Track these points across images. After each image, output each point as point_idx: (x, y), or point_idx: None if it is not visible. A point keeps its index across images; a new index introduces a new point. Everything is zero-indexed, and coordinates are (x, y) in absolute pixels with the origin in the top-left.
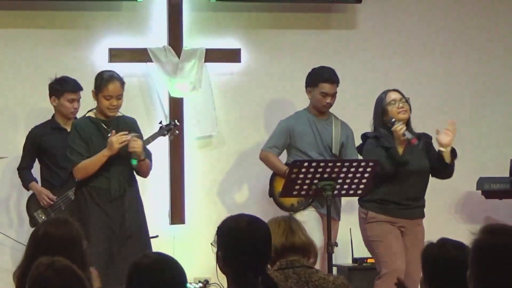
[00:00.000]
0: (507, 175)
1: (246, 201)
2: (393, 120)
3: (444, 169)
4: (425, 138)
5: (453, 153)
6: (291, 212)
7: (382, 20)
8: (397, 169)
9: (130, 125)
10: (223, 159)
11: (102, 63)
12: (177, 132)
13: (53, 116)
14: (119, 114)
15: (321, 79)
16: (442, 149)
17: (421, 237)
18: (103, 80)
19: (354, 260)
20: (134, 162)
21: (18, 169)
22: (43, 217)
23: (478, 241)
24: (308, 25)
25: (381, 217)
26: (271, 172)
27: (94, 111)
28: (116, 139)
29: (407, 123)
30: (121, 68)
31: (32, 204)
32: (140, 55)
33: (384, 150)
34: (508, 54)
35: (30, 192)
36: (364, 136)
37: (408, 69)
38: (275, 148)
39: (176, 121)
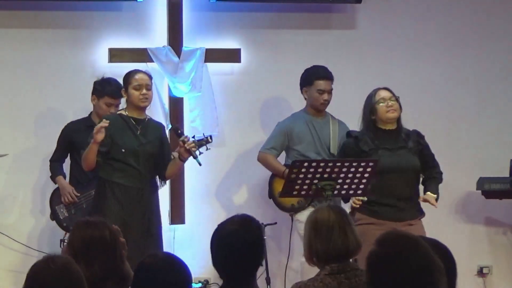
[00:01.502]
0: (507, 175)
1: (246, 201)
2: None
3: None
4: (416, 137)
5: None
6: (291, 212)
7: (382, 20)
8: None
9: (158, 129)
10: (223, 158)
11: (102, 63)
12: (209, 148)
13: (90, 114)
14: (148, 117)
15: (316, 76)
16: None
17: None
18: (131, 73)
19: (354, 260)
20: (199, 160)
21: (49, 160)
22: (64, 212)
23: (370, 251)
24: (308, 25)
25: (367, 218)
26: (271, 172)
27: (125, 109)
28: (96, 127)
29: (397, 121)
30: (121, 68)
31: (56, 197)
32: (140, 55)
33: (359, 153)
34: (508, 54)
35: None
36: (347, 134)
37: (408, 69)
38: (273, 149)
39: (209, 137)
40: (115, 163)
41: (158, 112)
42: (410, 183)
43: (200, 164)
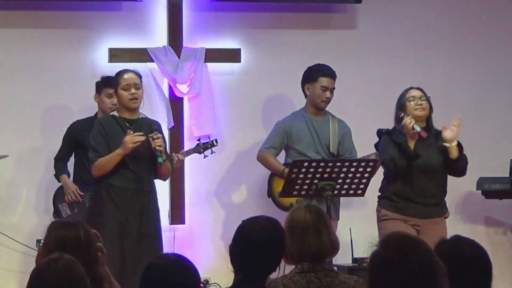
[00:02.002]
0: (507, 175)
1: (245, 201)
2: (401, 115)
3: (452, 165)
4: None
5: (460, 148)
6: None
7: (382, 20)
8: (409, 164)
9: (153, 127)
10: (223, 159)
11: (102, 63)
12: (214, 151)
13: (96, 114)
14: (142, 115)
15: (321, 73)
16: (446, 144)
17: (436, 237)
18: (119, 73)
19: (354, 260)
20: (160, 159)
21: (54, 159)
22: (67, 211)
23: (373, 252)
24: (308, 25)
25: (392, 215)
26: (270, 171)
27: (117, 110)
28: (130, 139)
29: (427, 121)
30: (121, 68)
31: (59, 196)
32: (140, 55)
33: (397, 146)
34: (509, 54)
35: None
36: (379, 132)
37: (408, 69)
38: (272, 148)
39: (215, 140)
40: None
41: (158, 112)
42: (434, 180)
43: (160, 163)
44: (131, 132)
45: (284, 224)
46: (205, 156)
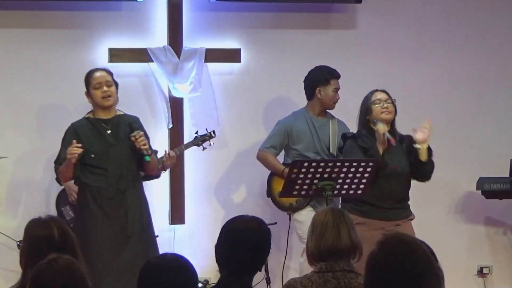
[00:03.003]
0: (507, 175)
1: (245, 201)
2: (375, 120)
3: (420, 168)
4: (409, 141)
5: (429, 152)
6: (289, 212)
7: (382, 20)
8: (377, 170)
9: (134, 126)
10: (223, 158)
11: (102, 63)
12: (212, 143)
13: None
14: (120, 113)
15: (332, 76)
16: (417, 146)
17: None
18: (89, 73)
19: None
20: (147, 158)
21: (54, 162)
22: (70, 213)
23: (370, 253)
24: (308, 25)
25: (358, 219)
26: (270, 171)
27: (92, 112)
28: (68, 151)
29: (391, 124)
30: (121, 68)
31: (62, 199)
32: (140, 55)
33: (362, 151)
34: (508, 54)
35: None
36: (344, 136)
37: (408, 69)
38: (272, 148)
39: (212, 132)
40: (90, 168)
41: (158, 112)
42: (400, 185)
43: (147, 161)
44: (136, 136)
45: (308, 227)
46: (203, 148)
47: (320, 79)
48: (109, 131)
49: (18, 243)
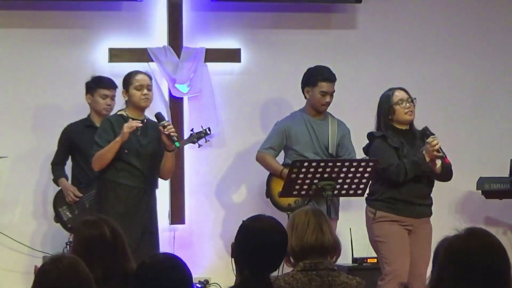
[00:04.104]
0: (507, 175)
1: (245, 201)
2: (428, 132)
3: (439, 178)
4: (424, 134)
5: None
6: (288, 212)
7: (382, 20)
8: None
9: (156, 130)
10: (223, 158)
11: (102, 63)
12: (208, 140)
13: (88, 115)
14: (146, 117)
15: (321, 78)
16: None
17: (428, 234)
18: (132, 74)
19: (354, 260)
20: (177, 144)
21: (51, 164)
22: (68, 213)
23: (452, 239)
24: (308, 25)
25: (391, 216)
26: (269, 171)
27: (125, 110)
28: (127, 124)
29: (411, 123)
30: (121, 68)
31: (59, 200)
32: (140, 55)
33: (394, 150)
34: (508, 54)
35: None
36: (371, 136)
37: (408, 69)
38: (271, 149)
39: (208, 129)
40: (118, 164)
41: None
42: (426, 181)
43: (178, 148)
44: (164, 124)
45: (286, 227)
46: (199, 146)
47: (308, 80)
48: (139, 132)
49: (68, 243)
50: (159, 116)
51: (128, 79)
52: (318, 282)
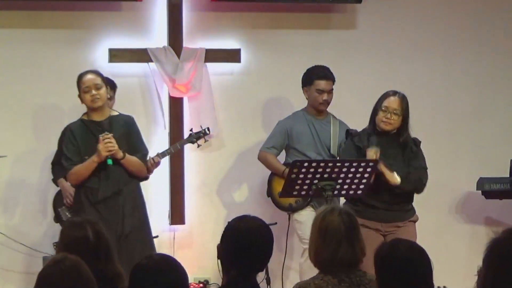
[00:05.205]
0: (507, 175)
1: (246, 201)
2: (369, 138)
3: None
4: (412, 145)
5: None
6: (289, 212)
7: (382, 20)
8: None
9: (124, 124)
10: (223, 159)
11: (102, 63)
12: (207, 140)
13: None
14: (115, 113)
15: (316, 76)
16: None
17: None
18: (79, 77)
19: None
20: (110, 161)
21: (51, 163)
22: (68, 214)
23: (497, 242)
24: (308, 25)
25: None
26: (270, 171)
27: (86, 114)
28: (103, 147)
29: (404, 128)
30: (121, 68)
31: (58, 200)
32: (140, 55)
33: (356, 150)
34: (508, 54)
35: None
36: (346, 133)
37: (408, 70)
38: (273, 148)
39: (207, 129)
40: None
41: (158, 112)
42: (389, 190)
43: (108, 164)
44: (101, 140)
45: (313, 229)
46: (198, 146)
47: (305, 80)
48: (101, 136)
49: (54, 244)
50: (105, 127)
51: (77, 84)
52: (347, 283)
